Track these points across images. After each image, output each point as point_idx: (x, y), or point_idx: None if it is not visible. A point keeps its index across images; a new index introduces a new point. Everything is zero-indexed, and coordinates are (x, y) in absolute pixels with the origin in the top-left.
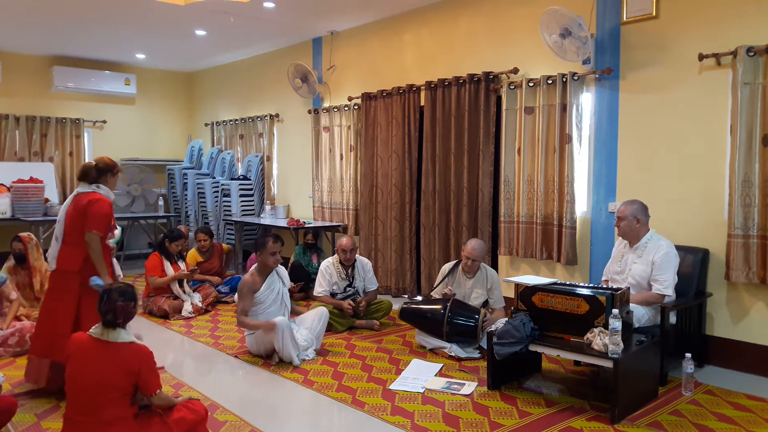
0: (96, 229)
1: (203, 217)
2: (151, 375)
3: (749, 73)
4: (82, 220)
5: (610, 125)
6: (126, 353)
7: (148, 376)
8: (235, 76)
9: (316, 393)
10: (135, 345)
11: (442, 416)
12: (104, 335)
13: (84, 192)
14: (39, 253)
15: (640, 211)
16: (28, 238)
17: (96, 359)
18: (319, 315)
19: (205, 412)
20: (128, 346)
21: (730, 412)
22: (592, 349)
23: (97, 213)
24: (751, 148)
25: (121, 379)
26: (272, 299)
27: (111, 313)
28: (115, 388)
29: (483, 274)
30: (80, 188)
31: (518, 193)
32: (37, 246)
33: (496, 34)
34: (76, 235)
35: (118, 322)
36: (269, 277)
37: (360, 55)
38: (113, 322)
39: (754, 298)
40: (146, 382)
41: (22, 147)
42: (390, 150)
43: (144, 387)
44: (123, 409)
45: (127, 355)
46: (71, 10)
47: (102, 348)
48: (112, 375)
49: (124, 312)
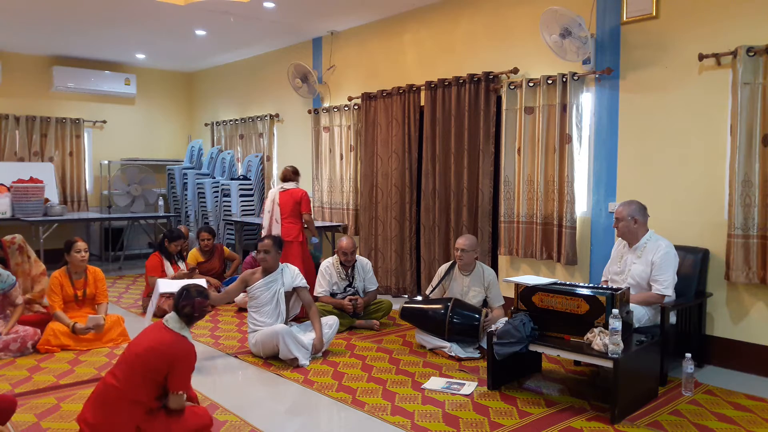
0: (309, 210)
1: (203, 217)
2: (182, 372)
3: (749, 73)
4: (298, 206)
5: (610, 125)
6: (174, 342)
7: (180, 371)
8: (235, 76)
9: (316, 393)
10: (185, 341)
11: (442, 416)
12: (171, 323)
13: (292, 187)
14: (24, 257)
15: (637, 212)
16: (10, 242)
17: (152, 336)
18: (330, 323)
19: (209, 420)
20: (180, 338)
21: (730, 412)
22: (592, 349)
23: (308, 200)
24: (751, 148)
25: (157, 361)
26: (267, 299)
27: (189, 307)
28: (153, 369)
29: (480, 273)
30: (286, 184)
31: (518, 193)
32: (21, 249)
33: (496, 34)
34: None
35: (195, 316)
36: (271, 276)
37: (360, 55)
38: (189, 315)
39: (754, 298)
40: (175, 377)
41: (22, 147)
42: (390, 150)
43: (171, 381)
44: (149, 396)
45: (173, 344)
46: (71, 10)
47: (162, 330)
48: (155, 354)
49: (200, 307)
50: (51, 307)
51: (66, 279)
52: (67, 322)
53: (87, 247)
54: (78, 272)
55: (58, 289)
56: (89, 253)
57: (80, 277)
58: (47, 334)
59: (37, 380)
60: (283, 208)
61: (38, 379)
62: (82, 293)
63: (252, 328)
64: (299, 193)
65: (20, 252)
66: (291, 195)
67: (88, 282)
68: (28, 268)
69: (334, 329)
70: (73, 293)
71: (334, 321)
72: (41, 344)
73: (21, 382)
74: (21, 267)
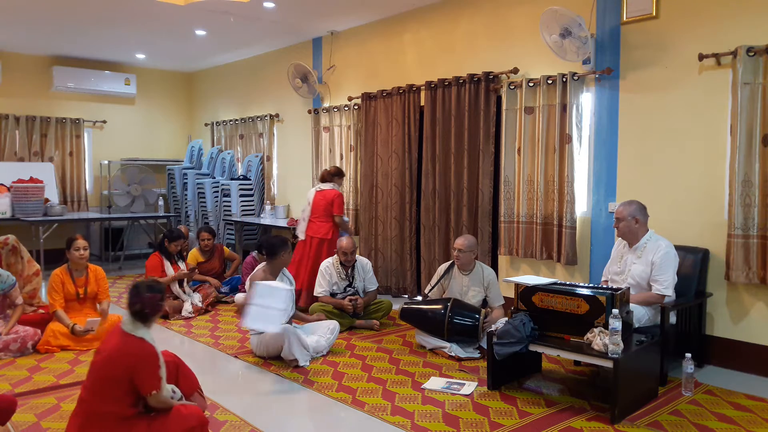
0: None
1: (203, 217)
2: (146, 374)
3: (749, 73)
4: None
5: (610, 125)
6: (129, 346)
7: (143, 374)
8: (235, 76)
9: (316, 393)
10: (142, 342)
11: (442, 416)
12: (126, 325)
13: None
14: (17, 258)
15: (638, 212)
16: (3, 243)
17: (111, 343)
18: (331, 328)
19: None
20: (136, 341)
21: (730, 412)
22: (592, 349)
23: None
24: (751, 148)
25: (116, 370)
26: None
27: (139, 304)
28: (112, 378)
29: (479, 273)
30: (323, 185)
31: (518, 193)
32: (15, 250)
33: (496, 34)
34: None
35: (145, 312)
36: (278, 278)
37: (360, 55)
38: (140, 313)
39: (754, 298)
40: (141, 380)
41: (22, 147)
42: (390, 150)
43: (139, 386)
44: (119, 405)
45: (129, 348)
46: (71, 10)
47: (118, 335)
48: (112, 363)
49: (151, 303)
50: (51, 305)
51: (67, 276)
52: (67, 322)
53: (87, 246)
54: (79, 270)
55: (60, 287)
56: (90, 252)
57: (81, 275)
58: (47, 335)
59: (37, 380)
60: (315, 208)
61: (38, 379)
62: (83, 291)
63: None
64: (332, 194)
65: (13, 253)
66: (324, 196)
67: (89, 280)
68: (21, 269)
69: (335, 334)
70: (75, 291)
71: (335, 325)
72: (41, 344)
73: (21, 382)
74: (14, 268)
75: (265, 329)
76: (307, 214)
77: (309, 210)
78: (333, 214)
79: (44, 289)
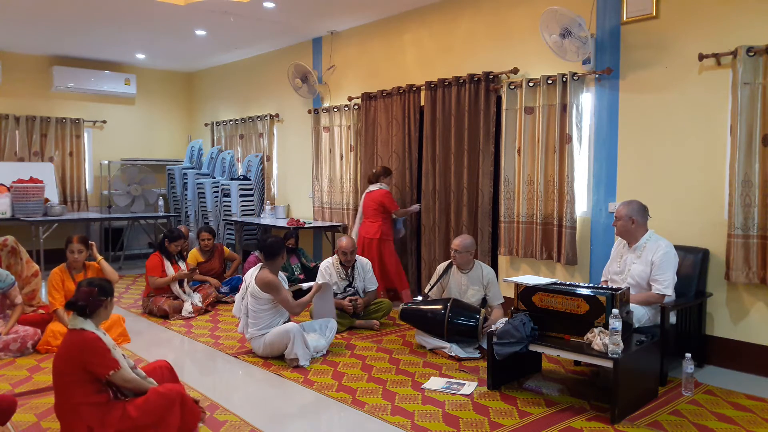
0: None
1: (203, 217)
2: (95, 359)
3: (749, 73)
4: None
5: (610, 125)
6: (72, 340)
7: (92, 359)
8: (235, 76)
9: (316, 393)
10: (82, 332)
11: (442, 416)
12: (71, 321)
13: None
14: (16, 259)
15: (636, 212)
16: (2, 245)
17: (62, 342)
18: (330, 327)
19: (177, 394)
20: (77, 333)
21: (730, 412)
22: (592, 349)
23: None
24: (751, 148)
25: (67, 365)
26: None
27: (74, 297)
28: (66, 372)
29: (479, 272)
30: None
31: (518, 193)
32: (14, 251)
33: (496, 34)
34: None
35: (80, 305)
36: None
37: (360, 55)
38: (74, 305)
39: (754, 298)
40: (93, 366)
41: (22, 147)
42: (390, 150)
43: (95, 371)
44: (84, 395)
45: (72, 342)
46: (71, 10)
47: (67, 334)
48: (61, 358)
49: (85, 296)
50: (52, 304)
51: (67, 275)
52: (66, 321)
53: (82, 249)
54: (77, 268)
55: (60, 286)
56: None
57: (80, 272)
58: (47, 335)
59: (37, 380)
60: (365, 210)
61: (38, 379)
62: None
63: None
64: (379, 194)
65: (12, 254)
66: (372, 197)
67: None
68: (20, 270)
69: (333, 332)
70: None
71: (333, 324)
72: (41, 344)
73: (21, 382)
74: (13, 269)
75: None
76: (360, 217)
77: (360, 212)
78: (391, 212)
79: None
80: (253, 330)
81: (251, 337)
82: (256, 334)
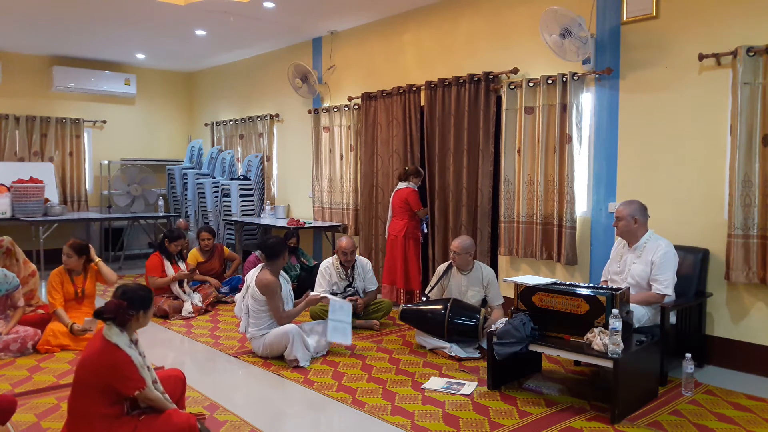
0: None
1: (203, 217)
2: (123, 381)
3: (749, 73)
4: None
5: (610, 125)
6: (101, 352)
7: (120, 381)
8: (235, 76)
9: (316, 393)
10: (114, 349)
11: (442, 416)
12: (105, 330)
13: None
14: (12, 260)
15: (637, 212)
16: None
17: (89, 348)
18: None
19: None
20: (111, 348)
21: (730, 412)
22: (592, 349)
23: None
24: (751, 148)
25: (92, 377)
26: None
27: (106, 307)
28: (88, 381)
29: (478, 273)
30: (400, 184)
31: (518, 193)
32: (9, 252)
33: (496, 34)
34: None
35: (106, 317)
36: (279, 277)
37: (360, 55)
38: (101, 315)
39: (754, 298)
40: (120, 385)
41: (22, 147)
42: (391, 150)
43: (120, 389)
44: (100, 405)
45: (102, 356)
46: (71, 10)
47: (99, 341)
48: (85, 368)
49: (114, 310)
50: (51, 305)
51: (66, 276)
52: (67, 321)
53: (71, 253)
54: (76, 270)
55: (59, 287)
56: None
57: (79, 274)
58: (47, 335)
59: (37, 380)
60: (393, 208)
61: (38, 379)
62: (81, 291)
63: (262, 332)
64: (405, 192)
65: (8, 255)
66: (399, 195)
67: (87, 280)
68: (17, 271)
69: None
70: (74, 290)
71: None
72: (41, 344)
73: (21, 382)
74: (9, 270)
75: (343, 342)
76: (390, 214)
77: (390, 209)
78: (414, 211)
79: (43, 289)
80: (254, 330)
81: (251, 337)
82: (257, 334)
